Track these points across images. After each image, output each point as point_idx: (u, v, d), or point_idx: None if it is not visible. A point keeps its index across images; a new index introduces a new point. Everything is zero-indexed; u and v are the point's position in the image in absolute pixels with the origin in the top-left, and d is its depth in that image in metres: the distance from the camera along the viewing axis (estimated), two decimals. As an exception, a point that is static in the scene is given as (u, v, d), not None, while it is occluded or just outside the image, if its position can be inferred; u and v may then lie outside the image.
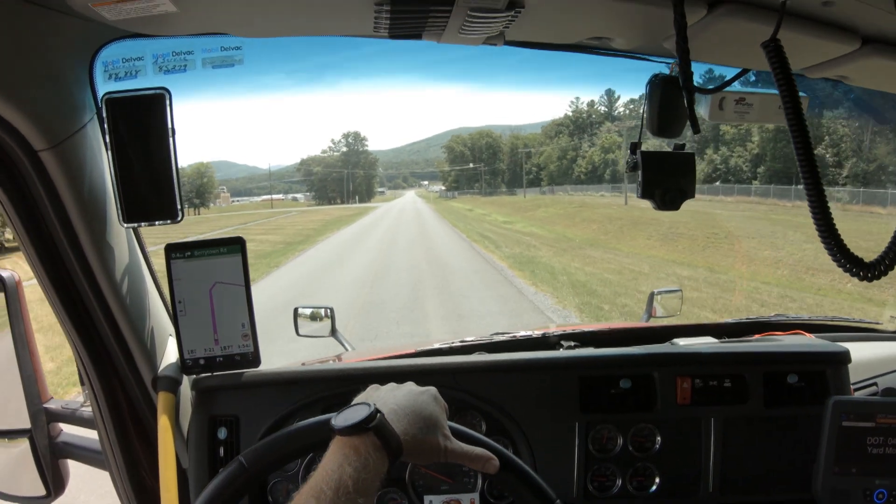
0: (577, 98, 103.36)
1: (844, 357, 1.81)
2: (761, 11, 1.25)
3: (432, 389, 1.25)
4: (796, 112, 1.12)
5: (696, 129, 1.33)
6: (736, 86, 1.69)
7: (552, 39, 1.52)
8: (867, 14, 1.27)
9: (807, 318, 2.53)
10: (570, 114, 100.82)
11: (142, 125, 1.44)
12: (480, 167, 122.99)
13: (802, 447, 1.74)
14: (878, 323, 2.65)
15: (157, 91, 1.43)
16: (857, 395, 2.00)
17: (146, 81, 1.45)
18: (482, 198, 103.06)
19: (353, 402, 1.14)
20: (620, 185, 62.50)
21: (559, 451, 1.74)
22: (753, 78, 1.72)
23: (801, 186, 1.15)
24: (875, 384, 2.15)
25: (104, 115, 1.42)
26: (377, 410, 1.08)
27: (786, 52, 1.16)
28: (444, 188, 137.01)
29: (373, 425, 1.05)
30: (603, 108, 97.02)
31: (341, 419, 1.06)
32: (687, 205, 1.57)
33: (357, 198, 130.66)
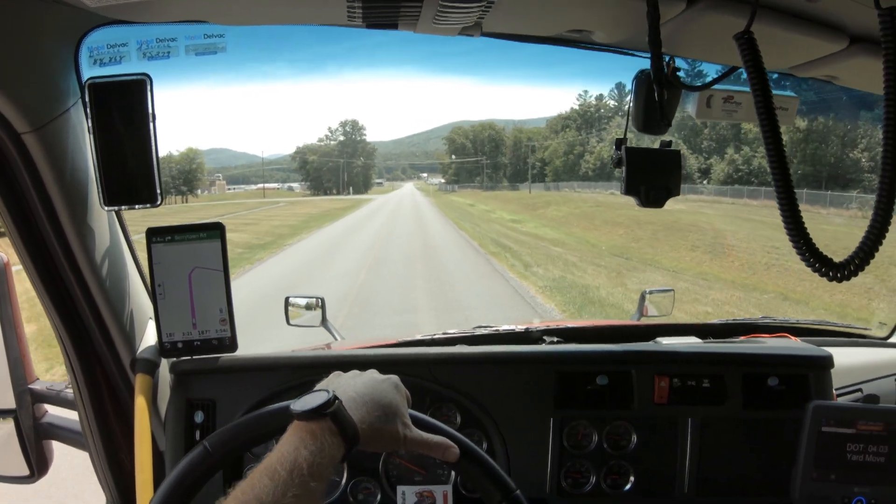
0: (586, 91, 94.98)
1: (827, 362, 1.78)
2: (740, 5, 1.24)
3: (393, 378, 1.24)
4: (767, 107, 1.12)
5: (666, 124, 1.33)
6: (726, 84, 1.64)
7: (530, 31, 1.53)
8: (855, 12, 1.25)
9: (794, 321, 2.52)
10: (578, 108, 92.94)
11: (123, 110, 1.46)
12: (482, 160, 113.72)
13: (781, 451, 1.72)
14: (867, 329, 2.62)
15: (139, 77, 1.45)
16: (841, 400, 1.97)
17: (131, 67, 1.47)
18: (483, 192, 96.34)
19: (314, 389, 1.14)
20: None
21: (533, 446, 1.73)
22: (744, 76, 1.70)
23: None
24: (860, 390, 2.12)
25: (87, 99, 1.44)
26: (335, 397, 1.08)
27: (772, 50, 1.15)
28: (443, 181, 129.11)
29: (330, 411, 1.05)
30: (613, 101, 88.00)
31: (300, 404, 1.06)
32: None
33: (352, 189, 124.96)
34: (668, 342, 2.02)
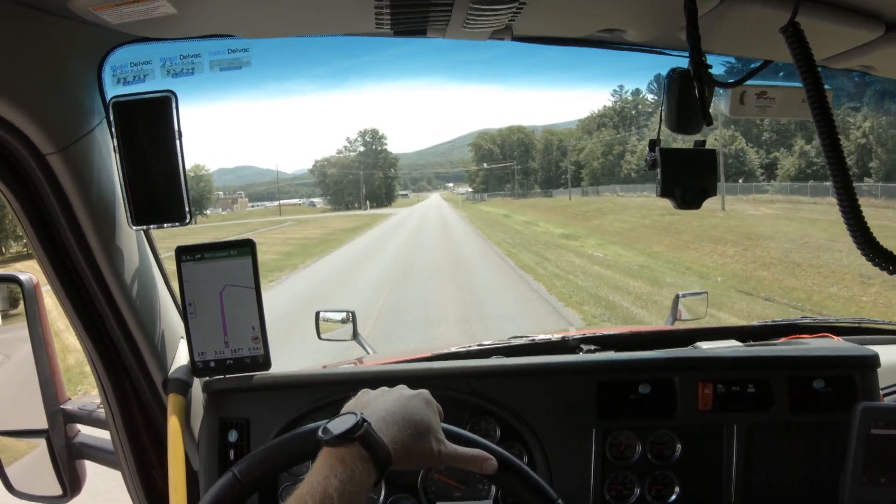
0: (621, 87, 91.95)
1: (873, 361, 1.70)
2: None
3: (424, 392, 1.20)
4: (821, 100, 1.07)
5: (708, 122, 1.28)
6: (757, 79, 1.60)
7: (562, 33, 1.49)
8: None
9: (834, 320, 2.44)
10: (614, 104, 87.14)
11: (149, 128, 1.44)
12: (513, 165, 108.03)
13: (829, 455, 1.64)
14: None
15: (164, 94, 1.42)
16: (887, 400, 1.90)
17: (155, 85, 1.45)
18: (516, 200, 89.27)
19: (342, 411, 1.12)
20: None
21: (575, 458, 1.68)
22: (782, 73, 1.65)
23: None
24: None
25: (111, 118, 1.42)
26: (363, 420, 1.04)
27: (808, 41, 1.10)
28: (470, 190, 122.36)
29: (358, 435, 1.01)
30: (652, 96, 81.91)
31: (327, 429, 1.03)
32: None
33: (374, 203, 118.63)
34: (708, 346, 1.96)
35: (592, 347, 2.07)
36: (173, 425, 1.54)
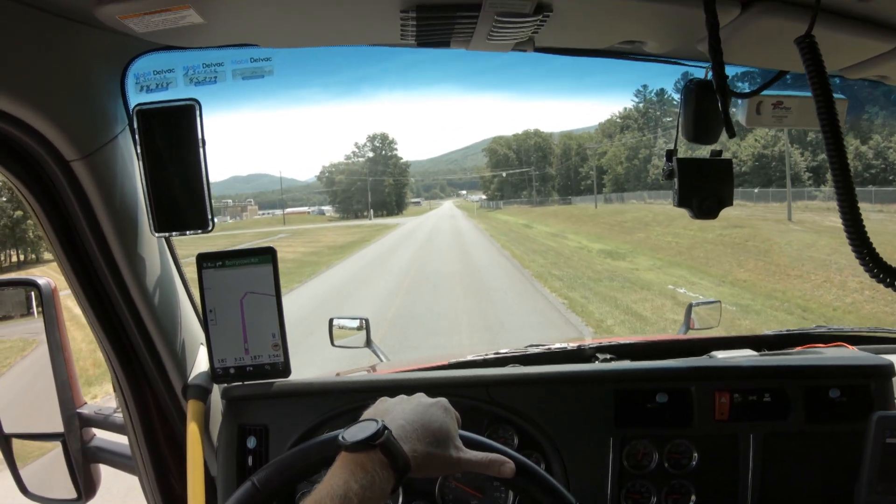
0: (645, 87, 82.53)
1: (889, 370, 1.70)
2: (796, 9, 1.19)
3: (443, 400, 1.20)
4: (829, 112, 1.06)
5: (731, 133, 1.27)
6: (774, 89, 1.60)
7: (583, 44, 1.48)
8: None
9: (849, 329, 2.41)
10: (638, 105, 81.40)
11: (173, 136, 1.43)
12: (530, 170, 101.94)
13: (844, 465, 1.64)
14: None
15: (188, 102, 1.42)
16: None
17: (177, 93, 1.45)
18: (534, 208, 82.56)
19: (362, 418, 1.11)
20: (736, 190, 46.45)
21: (593, 466, 1.67)
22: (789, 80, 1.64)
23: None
24: None
25: (135, 126, 1.42)
26: (385, 427, 1.04)
27: (824, 53, 1.10)
28: (484, 197, 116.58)
29: (380, 442, 1.01)
30: (678, 95, 77.98)
31: (348, 435, 1.03)
32: None
33: (384, 211, 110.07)
34: (723, 356, 1.96)
35: (608, 356, 2.06)
36: (192, 431, 1.53)
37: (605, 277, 20.26)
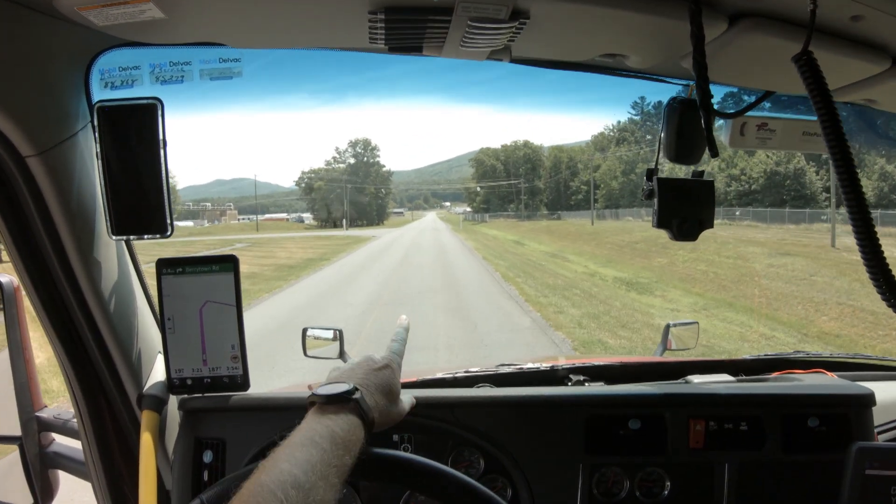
0: (643, 99, 78.18)
1: (868, 400, 1.64)
2: (786, 26, 1.16)
3: (392, 360, 1.30)
4: (836, 131, 1.00)
5: (714, 153, 1.22)
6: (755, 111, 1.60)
7: (563, 56, 1.43)
8: None
9: (827, 355, 2.36)
10: (635, 117, 78.13)
11: (133, 135, 1.37)
12: (519, 183, 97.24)
13: (822, 496, 1.58)
14: None
15: (150, 101, 1.36)
16: (882, 438, 1.85)
17: (143, 92, 1.38)
18: (523, 223, 77.03)
19: (326, 382, 1.18)
20: (746, 209, 41.81)
21: (561, 493, 1.60)
22: (768, 104, 1.61)
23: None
24: None
25: (96, 123, 1.35)
26: (356, 387, 1.13)
27: None
28: (469, 210, 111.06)
29: (354, 397, 1.11)
30: None
31: (322, 391, 1.10)
32: None
33: (352, 222, 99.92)
34: (699, 380, 1.90)
35: (581, 378, 2.00)
36: (146, 443, 1.46)
37: (644, 323, 14.59)
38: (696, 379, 1.91)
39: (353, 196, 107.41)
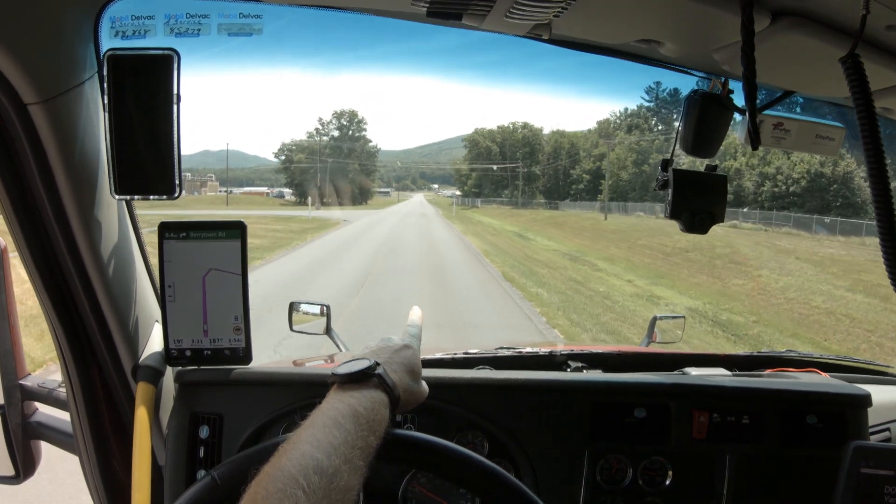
0: (658, 84, 69.55)
1: (865, 401, 1.70)
2: (826, 29, 1.14)
3: (411, 341, 1.26)
4: (874, 135, 1.00)
5: (755, 146, 1.19)
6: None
7: (600, 38, 1.36)
8: None
9: (819, 356, 2.41)
10: (650, 104, 70.43)
11: (145, 87, 1.27)
12: (517, 166, 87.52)
13: (817, 491, 1.62)
14: (888, 367, 2.51)
15: (165, 52, 1.26)
16: (874, 439, 1.91)
17: (156, 42, 1.29)
18: (520, 211, 68.31)
19: (348, 360, 1.12)
20: (786, 214, 37.08)
21: (565, 479, 1.60)
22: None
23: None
24: (888, 429, 2.03)
25: (105, 73, 1.25)
26: (377, 362, 1.09)
27: (831, 77, 1.07)
28: (458, 193, 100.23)
29: (377, 373, 1.06)
30: None
31: (343, 369, 1.05)
32: None
33: (336, 200, 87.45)
34: (697, 373, 1.92)
35: (580, 365, 2.00)
36: (141, 416, 1.38)
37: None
38: (693, 371, 1.93)
39: (336, 172, 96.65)
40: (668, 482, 1.64)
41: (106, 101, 1.27)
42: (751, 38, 1.04)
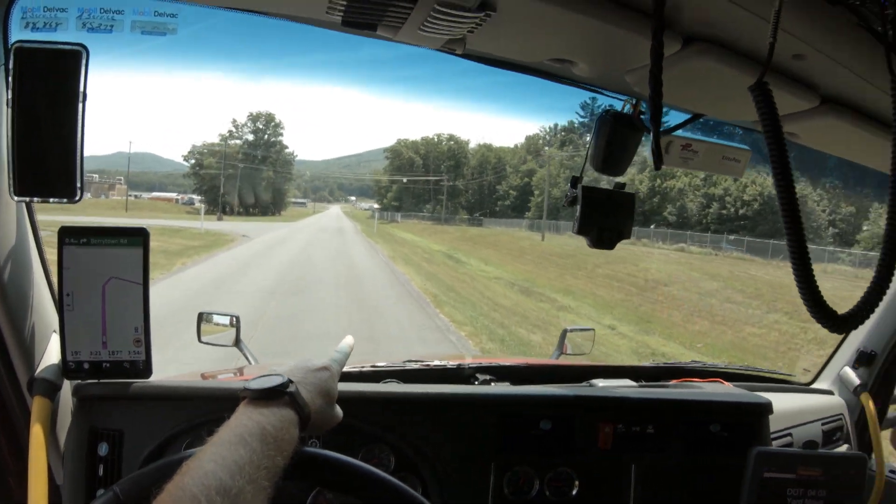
0: (594, 100, 65.03)
1: (767, 408, 1.79)
2: (735, 55, 1.20)
3: (331, 365, 1.23)
4: (782, 158, 1.04)
5: (658, 167, 1.22)
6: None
7: (514, 55, 1.40)
8: (833, 73, 1.24)
9: (722, 366, 2.52)
10: (583, 119, 68.13)
11: (51, 83, 1.22)
12: (443, 179, 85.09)
13: (723, 497, 1.68)
14: (791, 375, 2.66)
15: (74, 47, 1.21)
16: (776, 444, 1.98)
17: (67, 36, 1.24)
18: (446, 227, 64.72)
19: (262, 375, 1.09)
20: (738, 238, 35.90)
21: (472, 492, 1.60)
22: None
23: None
24: (790, 434, 2.14)
25: (10, 65, 1.20)
26: (290, 380, 1.06)
27: (743, 101, 1.09)
28: (377, 206, 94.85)
29: (288, 391, 1.03)
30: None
31: (254, 385, 1.02)
32: None
33: (247, 209, 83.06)
34: (603, 384, 1.96)
35: (487, 378, 2.01)
36: (36, 432, 1.29)
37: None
38: (600, 383, 1.97)
39: (247, 179, 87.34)
40: (574, 492, 1.66)
41: (10, 97, 1.21)
42: (659, 62, 1.07)
